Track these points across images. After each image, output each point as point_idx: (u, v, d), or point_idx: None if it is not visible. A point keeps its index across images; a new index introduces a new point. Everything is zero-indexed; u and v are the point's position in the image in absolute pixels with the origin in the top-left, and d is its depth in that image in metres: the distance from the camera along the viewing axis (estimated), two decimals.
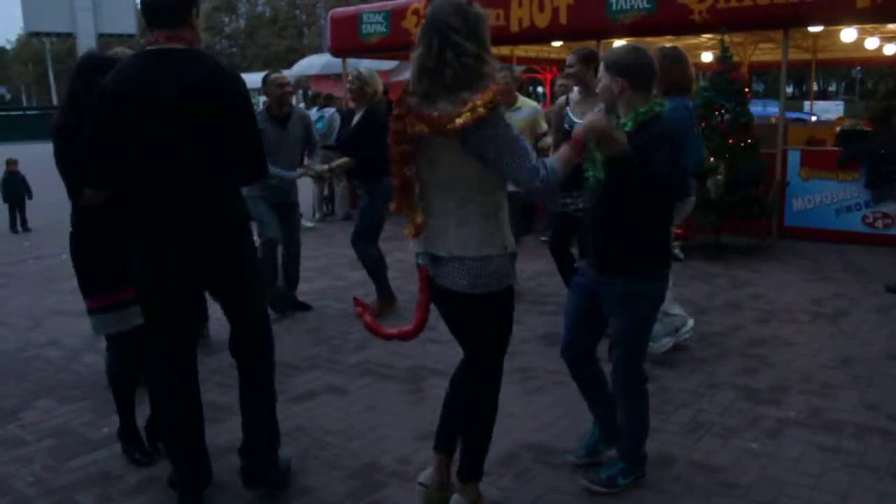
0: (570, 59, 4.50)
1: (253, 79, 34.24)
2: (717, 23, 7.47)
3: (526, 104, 5.61)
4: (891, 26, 9.18)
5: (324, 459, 3.29)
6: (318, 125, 8.93)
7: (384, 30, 10.39)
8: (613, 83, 2.80)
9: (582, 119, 4.62)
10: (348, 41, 10.81)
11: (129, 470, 3.22)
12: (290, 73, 28.57)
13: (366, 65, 15.91)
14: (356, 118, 5.46)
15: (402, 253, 7.59)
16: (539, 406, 3.83)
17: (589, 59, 4.40)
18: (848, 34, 9.35)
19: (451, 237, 2.46)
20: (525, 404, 3.84)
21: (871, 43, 10.69)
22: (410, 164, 2.45)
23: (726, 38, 7.42)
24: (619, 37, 8.83)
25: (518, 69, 13.08)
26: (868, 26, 8.93)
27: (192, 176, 2.60)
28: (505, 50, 11.35)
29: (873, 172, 7.15)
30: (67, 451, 3.40)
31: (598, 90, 2.90)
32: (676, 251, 6.47)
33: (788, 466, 3.15)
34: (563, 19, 8.71)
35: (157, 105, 2.51)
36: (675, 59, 3.88)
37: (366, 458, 3.30)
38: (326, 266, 7.24)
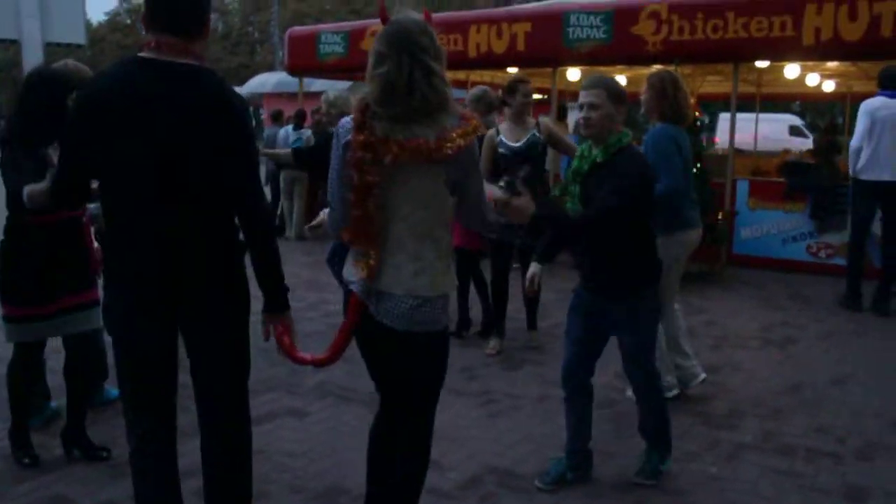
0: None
1: None
2: (670, 55, 7.71)
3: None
4: (831, 64, 9.58)
5: (285, 482, 3.23)
6: (295, 146, 8.85)
7: (342, 50, 10.40)
8: (618, 111, 2.94)
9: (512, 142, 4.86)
10: (306, 60, 10.78)
11: (83, 494, 3.11)
12: (242, 91, 28.42)
13: (321, 85, 15.89)
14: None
15: None
16: (500, 429, 3.84)
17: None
18: (792, 70, 9.73)
19: (405, 274, 2.24)
20: (486, 427, 3.84)
21: (812, 79, 11.15)
22: (377, 196, 2.19)
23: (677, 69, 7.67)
24: (575, 65, 9.05)
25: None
26: (810, 63, 9.30)
27: (177, 204, 2.25)
28: (461, 74, 11.47)
29: (817, 204, 7.43)
30: (15, 475, 3.26)
31: (597, 118, 2.96)
32: None
33: (747, 489, 3.22)
34: (520, 46, 8.85)
35: (146, 125, 2.19)
36: (679, 86, 3.96)
37: (329, 480, 3.25)
38: None
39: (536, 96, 17.00)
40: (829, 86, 12.35)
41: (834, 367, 4.81)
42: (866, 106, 6.26)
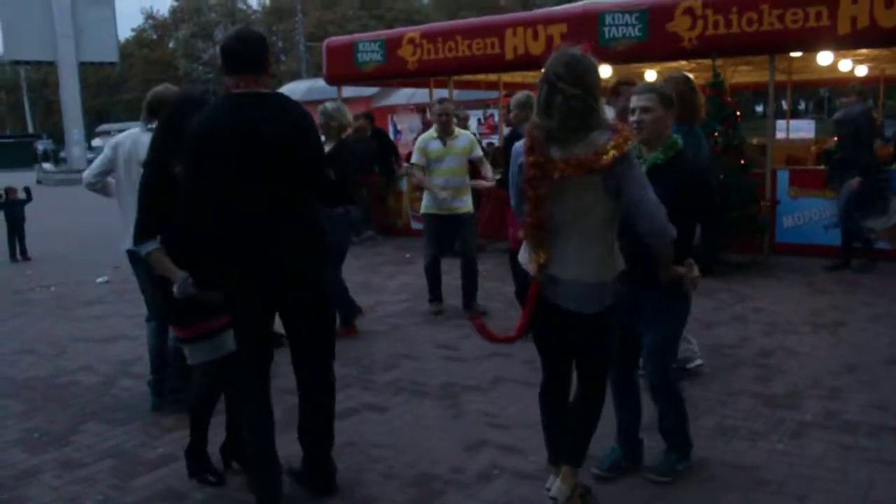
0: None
1: None
2: (706, 49, 7.85)
3: (461, 133, 6.27)
4: (864, 50, 9.63)
5: (379, 471, 3.47)
6: None
7: (380, 58, 10.64)
8: (668, 115, 3.14)
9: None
10: (344, 69, 11.05)
11: (193, 487, 3.38)
12: None
13: (352, 92, 16.09)
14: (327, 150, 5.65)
15: (407, 276, 7.82)
16: None
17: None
18: (824, 57, 9.80)
19: (573, 263, 2.71)
20: None
21: (845, 65, 11.19)
22: (547, 206, 2.66)
23: (709, 61, 7.83)
24: (612, 63, 9.20)
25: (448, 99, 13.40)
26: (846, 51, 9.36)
27: (287, 210, 2.91)
28: (493, 77, 11.70)
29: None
30: (129, 471, 3.55)
31: (650, 121, 3.15)
32: None
33: (814, 464, 3.39)
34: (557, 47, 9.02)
35: (258, 144, 2.80)
36: (694, 88, 4.14)
37: (419, 468, 3.48)
38: None
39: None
40: (861, 70, 12.37)
41: (886, 349, 4.94)
42: None
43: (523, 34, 9.26)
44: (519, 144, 2.76)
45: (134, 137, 4.11)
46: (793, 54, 9.11)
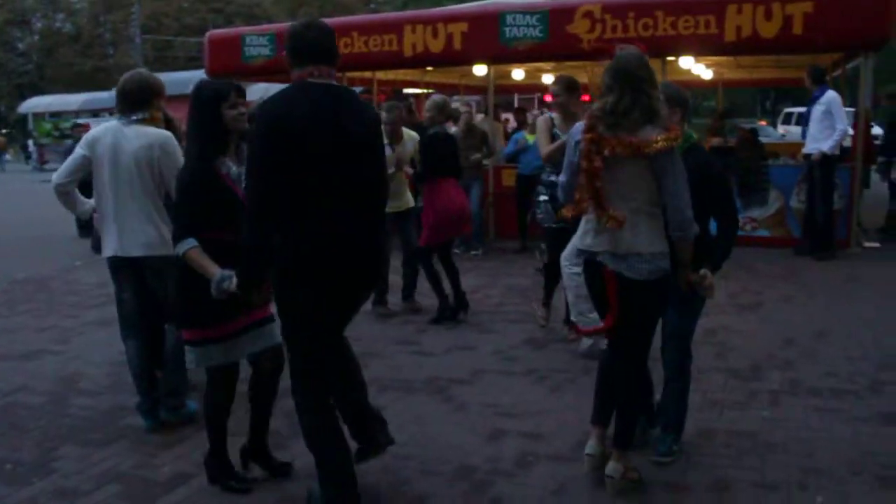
0: (554, 88, 5.08)
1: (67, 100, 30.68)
2: (604, 52, 8.30)
3: (409, 137, 6.30)
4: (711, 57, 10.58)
5: (413, 468, 3.43)
6: None
7: (269, 52, 10.33)
8: (672, 112, 3.35)
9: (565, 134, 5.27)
10: (228, 63, 10.58)
11: (227, 501, 3.18)
12: (108, 96, 26.85)
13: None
14: None
15: (510, 278, 7.54)
16: (567, 401, 4.19)
17: (572, 88, 4.99)
18: (686, 61, 10.63)
19: (627, 237, 2.97)
20: (558, 399, 4.21)
21: (698, 69, 12.22)
22: (601, 178, 2.95)
23: (599, 64, 8.33)
24: (513, 63, 9.55)
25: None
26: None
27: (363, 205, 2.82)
28: (391, 74, 11.69)
29: (742, 183, 8.32)
30: (143, 495, 3.26)
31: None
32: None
33: (801, 426, 3.77)
34: (457, 45, 9.21)
35: (345, 139, 2.70)
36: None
37: (453, 462, 3.47)
38: None
39: (475, 97, 17.24)
40: (707, 74, 13.59)
41: (808, 325, 5.53)
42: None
43: (423, 32, 9.35)
44: (578, 125, 3.10)
45: (114, 131, 3.73)
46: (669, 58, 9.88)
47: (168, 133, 3.80)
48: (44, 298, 7.12)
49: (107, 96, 28.01)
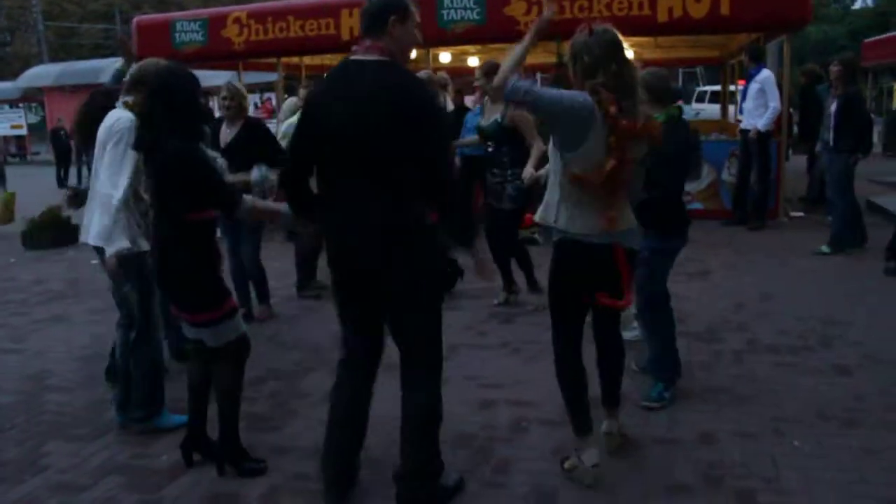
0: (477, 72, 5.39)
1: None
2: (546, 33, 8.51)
3: None
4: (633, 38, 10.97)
5: None
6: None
7: (201, 38, 10.09)
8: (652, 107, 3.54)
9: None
10: (158, 50, 10.14)
11: (240, 483, 3.19)
12: (18, 85, 25.38)
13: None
14: (232, 132, 5.34)
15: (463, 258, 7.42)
16: (544, 370, 4.34)
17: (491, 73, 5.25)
18: None
19: (627, 214, 3.07)
20: (535, 370, 4.34)
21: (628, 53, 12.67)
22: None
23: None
24: (451, 45, 9.62)
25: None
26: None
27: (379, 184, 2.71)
28: (307, 59, 11.60)
29: None
30: (149, 484, 3.23)
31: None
32: (536, 236, 7.36)
33: (768, 381, 4.07)
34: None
35: (339, 114, 2.67)
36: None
37: (450, 430, 3.43)
38: None
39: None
40: (629, 54, 14.06)
41: (754, 290, 5.89)
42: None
43: (359, 16, 9.28)
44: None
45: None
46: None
47: None
48: None
49: (10, 86, 26.34)
